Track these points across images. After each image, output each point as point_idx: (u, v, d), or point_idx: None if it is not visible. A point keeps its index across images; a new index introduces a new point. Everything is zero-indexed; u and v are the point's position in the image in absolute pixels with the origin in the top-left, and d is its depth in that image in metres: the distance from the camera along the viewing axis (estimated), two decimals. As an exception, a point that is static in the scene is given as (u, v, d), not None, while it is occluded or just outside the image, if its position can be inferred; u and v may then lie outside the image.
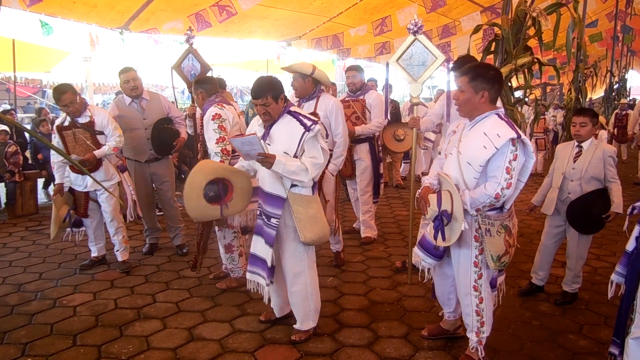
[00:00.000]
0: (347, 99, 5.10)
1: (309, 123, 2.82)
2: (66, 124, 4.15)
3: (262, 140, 2.81)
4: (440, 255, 2.73)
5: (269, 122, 2.92)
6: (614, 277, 2.45)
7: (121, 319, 3.40)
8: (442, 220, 2.52)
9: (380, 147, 5.26)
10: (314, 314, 3.10)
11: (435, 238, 2.60)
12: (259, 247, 3.03)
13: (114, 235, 4.36)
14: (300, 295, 3.03)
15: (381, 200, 6.76)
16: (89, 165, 4.11)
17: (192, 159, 6.86)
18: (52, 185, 7.46)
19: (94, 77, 12.05)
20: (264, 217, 2.97)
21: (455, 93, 2.65)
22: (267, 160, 2.73)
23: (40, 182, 7.46)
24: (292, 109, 2.93)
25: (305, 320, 3.08)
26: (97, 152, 4.12)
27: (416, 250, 2.83)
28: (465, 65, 3.52)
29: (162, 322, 3.35)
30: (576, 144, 3.57)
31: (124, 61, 10.53)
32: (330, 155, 4.10)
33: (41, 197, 7.29)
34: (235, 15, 8.02)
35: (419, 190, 2.77)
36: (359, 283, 4.01)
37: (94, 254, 4.48)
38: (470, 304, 2.67)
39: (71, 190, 4.33)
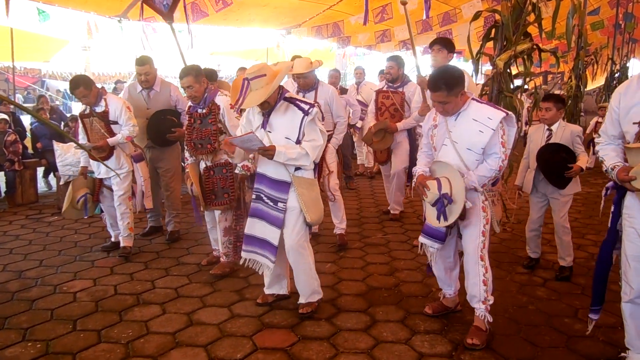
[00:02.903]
0: (386, 89, 5.19)
1: (306, 107, 3.00)
2: (87, 111, 4.32)
3: (262, 129, 3.05)
4: (444, 237, 2.94)
5: (267, 110, 3.05)
6: None
7: (121, 304, 3.43)
8: (444, 203, 2.74)
9: (418, 137, 5.38)
10: (317, 286, 3.27)
11: (438, 219, 2.80)
12: (258, 228, 3.17)
13: (119, 219, 4.44)
14: (306, 272, 3.18)
15: (379, 187, 6.79)
16: (102, 152, 4.26)
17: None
18: (52, 175, 7.48)
19: (93, 66, 12.02)
20: (269, 201, 3.12)
21: (438, 107, 2.81)
22: (268, 153, 2.93)
23: (40, 170, 7.46)
24: (287, 95, 3.08)
25: (312, 294, 3.24)
26: (110, 140, 4.24)
27: (422, 239, 3.03)
28: (437, 42, 4.24)
29: (162, 307, 3.38)
30: (546, 127, 3.83)
31: (122, 50, 10.52)
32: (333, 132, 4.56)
33: (41, 185, 7.32)
34: (231, 5, 7.97)
35: (415, 179, 3.00)
36: (356, 269, 4.04)
37: (112, 238, 4.62)
38: (478, 273, 2.82)
39: None
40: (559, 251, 3.89)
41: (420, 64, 4.73)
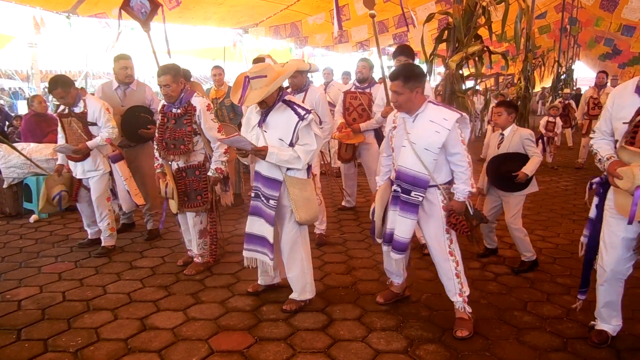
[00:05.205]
0: (354, 90, 5.23)
1: (302, 112, 3.06)
2: (66, 111, 4.28)
3: (258, 128, 3.16)
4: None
5: (265, 109, 3.14)
6: (582, 239, 2.96)
7: (69, 311, 3.30)
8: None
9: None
10: (310, 286, 3.33)
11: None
12: (256, 226, 3.24)
13: (100, 221, 4.42)
14: (298, 269, 3.26)
15: (336, 186, 6.80)
16: (81, 155, 4.24)
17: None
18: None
19: (41, 63, 11.45)
20: (263, 199, 3.18)
21: (393, 96, 2.90)
22: (260, 153, 3.03)
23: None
24: (286, 97, 3.16)
25: (303, 291, 3.30)
26: (90, 143, 4.21)
27: (393, 254, 3.05)
28: (402, 53, 4.35)
29: (113, 313, 3.27)
30: (500, 132, 4.03)
31: (71, 47, 10.11)
32: None
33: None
34: (181, 3, 7.83)
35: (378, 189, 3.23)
36: (314, 269, 4.00)
37: (90, 236, 4.60)
38: (450, 268, 2.95)
39: None
40: (517, 247, 4.03)
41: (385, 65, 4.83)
